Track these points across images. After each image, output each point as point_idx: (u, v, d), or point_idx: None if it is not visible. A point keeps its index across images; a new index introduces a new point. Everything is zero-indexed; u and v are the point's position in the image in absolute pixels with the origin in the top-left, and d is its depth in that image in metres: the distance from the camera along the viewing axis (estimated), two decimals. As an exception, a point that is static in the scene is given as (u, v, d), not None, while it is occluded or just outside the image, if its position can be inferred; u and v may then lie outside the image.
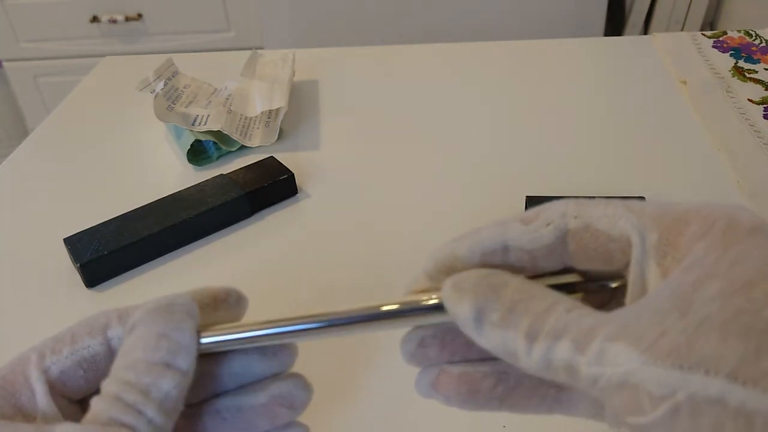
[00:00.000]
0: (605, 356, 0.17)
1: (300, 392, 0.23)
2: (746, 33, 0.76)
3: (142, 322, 0.21)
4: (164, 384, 0.20)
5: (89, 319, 0.23)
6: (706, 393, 0.16)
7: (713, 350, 0.16)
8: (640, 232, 0.20)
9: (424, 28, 1.43)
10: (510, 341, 0.19)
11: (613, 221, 0.20)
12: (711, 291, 0.17)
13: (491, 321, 0.20)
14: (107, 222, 0.49)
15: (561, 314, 0.19)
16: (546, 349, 0.19)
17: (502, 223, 0.22)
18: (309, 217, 0.53)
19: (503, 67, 0.74)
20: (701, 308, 0.17)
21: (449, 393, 0.23)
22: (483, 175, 0.56)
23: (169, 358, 0.20)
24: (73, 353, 0.22)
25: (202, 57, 0.81)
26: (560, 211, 0.21)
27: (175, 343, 0.21)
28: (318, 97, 0.70)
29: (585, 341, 0.18)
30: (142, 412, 0.20)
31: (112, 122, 0.68)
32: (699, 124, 0.60)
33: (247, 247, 0.50)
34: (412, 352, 0.23)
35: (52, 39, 1.61)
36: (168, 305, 0.22)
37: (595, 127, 0.62)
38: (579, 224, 0.21)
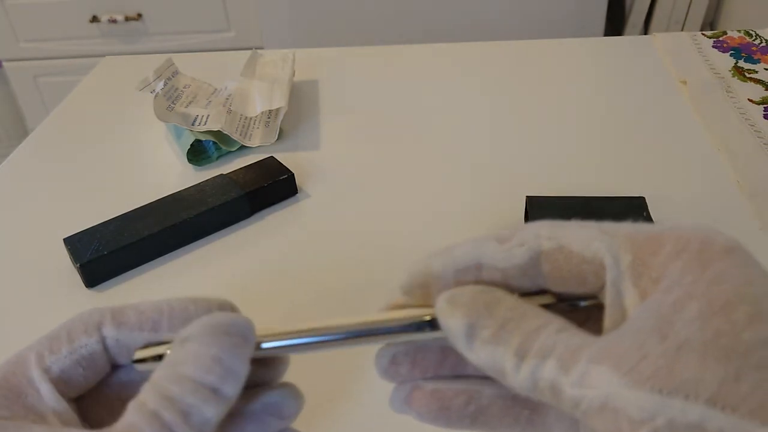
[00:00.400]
0: (588, 378, 0.17)
1: (290, 402, 0.23)
2: (746, 33, 0.76)
3: (198, 339, 0.21)
4: (207, 410, 0.19)
5: (82, 316, 0.23)
6: (685, 419, 0.16)
7: (693, 374, 0.16)
8: (614, 253, 0.19)
9: (424, 28, 1.43)
10: (499, 358, 0.19)
11: (587, 243, 0.20)
12: (690, 312, 0.17)
13: (482, 337, 0.20)
14: (107, 222, 0.49)
15: (551, 334, 0.19)
16: (533, 368, 0.19)
17: (477, 241, 0.22)
18: (309, 217, 0.53)
19: (503, 67, 0.74)
20: (681, 330, 0.17)
21: (421, 409, 0.23)
22: (483, 175, 0.56)
23: (218, 383, 0.20)
24: (72, 352, 0.22)
25: (202, 57, 0.81)
26: (534, 233, 0.21)
27: (228, 369, 0.20)
28: (318, 97, 0.70)
29: (570, 362, 0.18)
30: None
31: (112, 122, 0.68)
32: (699, 124, 0.60)
33: (247, 247, 0.50)
34: (384, 368, 0.23)
35: (52, 39, 1.61)
36: (227, 325, 0.21)
37: (595, 127, 0.62)
38: (552, 245, 0.21)
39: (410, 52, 0.79)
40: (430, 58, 0.77)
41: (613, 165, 0.56)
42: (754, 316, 0.17)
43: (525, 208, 0.49)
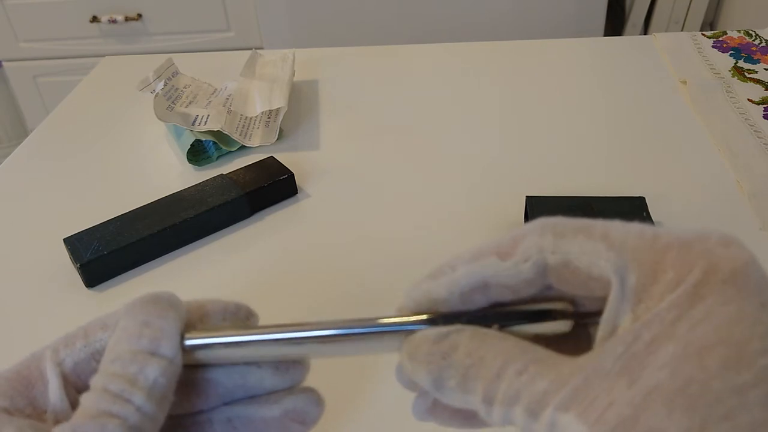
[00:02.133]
0: (556, 427, 0.17)
1: (312, 408, 0.23)
2: (746, 33, 0.76)
3: (125, 315, 0.21)
4: (150, 372, 0.20)
5: (102, 316, 0.23)
6: None
7: (657, 424, 0.16)
8: (621, 274, 0.19)
9: (424, 28, 1.43)
10: (471, 404, 0.20)
11: (593, 260, 0.19)
12: (664, 356, 0.17)
13: (449, 387, 0.20)
14: (107, 222, 0.49)
15: (512, 379, 0.19)
16: (504, 413, 0.19)
17: (478, 259, 0.21)
18: (309, 217, 0.53)
19: (503, 67, 0.74)
20: (651, 375, 0.17)
21: (445, 418, 0.23)
22: (483, 175, 0.56)
23: (153, 346, 0.21)
24: (86, 346, 0.22)
25: (202, 57, 0.81)
26: (538, 246, 0.20)
27: (158, 330, 0.21)
28: (318, 97, 0.70)
29: (537, 409, 0.18)
30: (130, 401, 0.20)
31: (112, 122, 0.68)
32: (699, 124, 0.60)
33: (247, 247, 0.50)
34: (405, 379, 0.23)
35: (52, 39, 1.61)
36: (150, 297, 0.22)
37: (595, 127, 0.62)
38: (558, 260, 0.20)
39: (410, 52, 0.79)
40: (430, 58, 0.77)
41: (613, 165, 0.56)
42: (728, 362, 0.16)
43: (525, 208, 0.49)
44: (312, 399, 0.23)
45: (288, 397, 0.23)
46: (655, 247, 0.19)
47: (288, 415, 0.23)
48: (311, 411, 0.23)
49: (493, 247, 0.21)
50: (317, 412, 0.23)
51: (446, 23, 1.42)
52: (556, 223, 0.21)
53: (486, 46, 0.79)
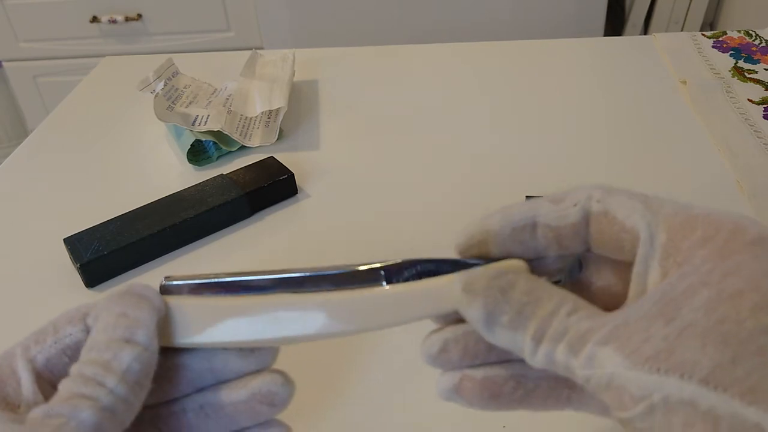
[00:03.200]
0: (595, 360, 0.19)
1: (280, 389, 0.23)
2: (746, 33, 0.76)
3: (103, 308, 0.22)
4: (124, 357, 0.21)
5: (68, 311, 0.24)
6: (679, 395, 0.17)
7: (691, 356, 0.17)
8: (651, 230, 0.21)
9: (424, 28, 1.43)
10: (518, 342, 0.21)
11: (629, 213, 0.21)
12: (699, 299, 0.18)
13: (501, 323, 0.21)
14: (107, 222, 0.49)
15: (563, 318, 0.20)
16: (547, 352, 0.20)
17: (533, 202, 0.23)
18: (309, 217, 0.53)
19: (503, 67, 0.74)
20: (687, 315, 0.18)
21: (472, 398, 0.23)
22: (483, 175, 0.56)
23: (128, 334, 0.21)
24: (56, 341, 0.23)
25: (202, 57, 0.81)
26: (587, 194, 0.22)
27: (133, 319, 0.21)
28: (318, 97, 0.70)
29: (578, 346, 0.19)
30: (103, 383, 0.20)
31: (112, 122, 0.68)
32: (699, 124, 0.60)
33: (247, 247, 0.50)
34: (434, 355, 0.24)
35: (52, 39, 1.61)
36: (125, 289, 0.23)
37: (595, 127, 0.62)
38: (600, 209, 0.22)
39: (410, 52, 0.79)
40: (430, 58, 0.77)
41: (613, 165, 0.56)
42: (759, 306, 0.17)
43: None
44: (279, 380, 0.23)
45: (255, 380, 0.23)
46: (689, 213, 0.21)
47: (255, 397, 0.23)
48: (279, 392, 0.23)
49: (546, 197, 0.23)
50: (286, 393, 0.23)
51: (446, 23, 1.42)
52: (606, 184, 0.23)
53: (486, 46, 0.79)
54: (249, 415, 0.23)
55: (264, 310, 0.23)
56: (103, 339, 0.21)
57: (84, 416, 0.19)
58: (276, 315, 0.22)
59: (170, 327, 0.23)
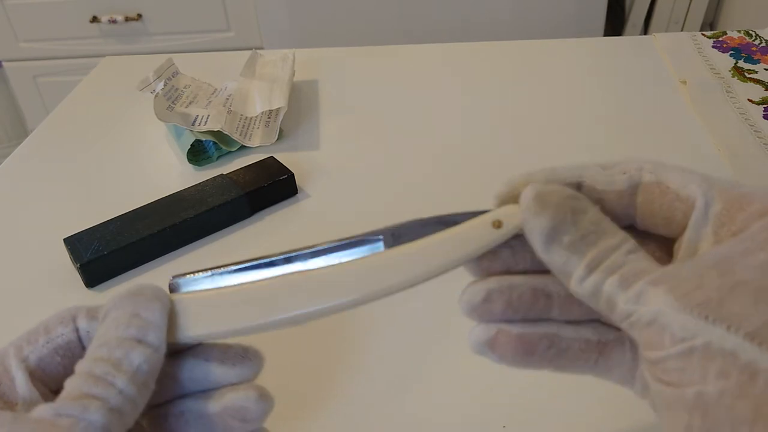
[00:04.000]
0: (644, 296, 0.19)
1: (252, 405, 0.22)
2: (746, 33, 0.76)
3: (114, 307, 0.22)
4: (135, 357, 0.21)
5: (59, 312, 0.24)
6: (721, 344, 0.17)
7: (740, 310, 0.17)
8: (707, 199, 0.21)
9: (424, 28, 1.43)
10: (571, 266, 0.21)
11: (685, 183, 0.22)
12: (756, 261, 0.18)
13: (561, 242, 0.21)
14: (107, 222, 0.49)
15: (622, 254, 0.20)
16: (597, 281, 0.20)
17: (581, 164, 0.23)
18: (309, 217, 0.53)
19: (503, 67, 0.74)
20: (742, 272, 0.18)
21: (506, 353, 0.24)
22: (483, 175, 0.56)
23: (140, 334, 0.21)
24: (48, 341, 0.23)
25: (202, 57, 0.81)
26: (638, 165, 0.22)
27: (145, 320, 0.21)
28: (318, 97, 0.70)
29: (631, 280, 0.20)
30: (113, 384, 0.20)
31: (112, 122, 0.68)
32: (699, 124, 0.60)
33: (247, 247, 0.50)
34: (475, 305, 0.24)
35: (52, 39, 1.61)
36: (137, 289, 0.23)
37: (594, 127, 0.62)
38: (652, 179, 0.22)
39: (410, 52, 0.79)
40: (430, 58, 0.77)
41: (613, 165, 0.56)
42: None
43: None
44: (253, 395, 0.22)
45: (229, 393, 0.23)
46: (743, 189, 0.21)
47: (227, 411, 0.22)
48: (251, 408, 0.22)
49: (597, 162, 0.23)
50: (258, 410, 0.22)
51: (446, 23, 1.42)
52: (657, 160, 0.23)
53: (486, 46, 0.79)
54: (223, 428, 0.23)
55: (266, 292, 0.23)
56: (114, 337, 0.21)
57: (94, 418, 0.19)
58: (278, 294, 0.23)
59: (174, 323, 0.23)
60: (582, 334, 0.24)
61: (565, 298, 0.23)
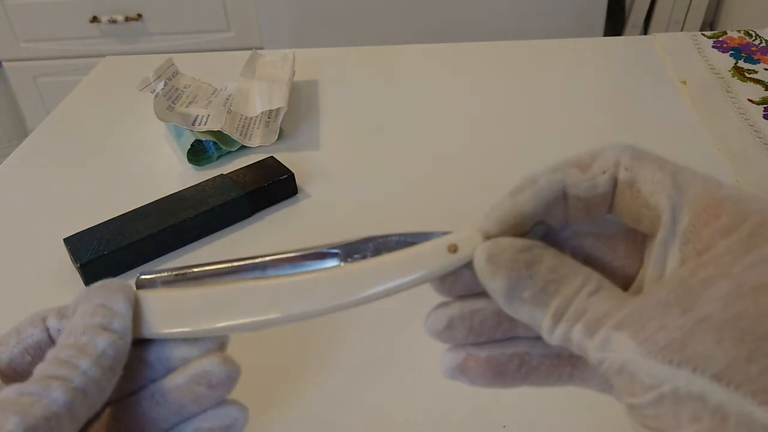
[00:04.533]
0: (609, 344, 0.19)
1: (216, 368, 0.23)
2: (746, 33, 0.76)
3: (81, 301, 0.23)
4: (100, 342, 0.21)
5: (30, 315, 0.25)
6: (688, 389, 0.17)
7: (705, 350, 0.17)
8: (675, 213, 0.20)
9: (424, 29, 1.43)
10: (537, 318, 0.20)
11: (656, 189, 0.20)
12: (719, 291, 0.18)
13: (522, 298, 0.20)
14: (107, 222, 0.49)
15: (584, 298, 0.20)
16: (565, 330, 0.20)
17: (558, 169, 0.22)
18: (309, 217, 0.53)
19: (503, 67, 0.74)
20: (704, 306, 0.17)
21: (477, 376, 0.23)
22: (483, 175, 0.56)
23: (105, 321, 0.22)
24: (19, 342, 0.24)
25: (202, 57, 0.81)
26: (615, 160, 0.21)
27: (110, 309, 0.22)
28: (318, 97, 0.70)
29: (594, 327, 0.19)
30: (77, 365, 0.21)
31: (112, 122, 0.68)
32: (699, 124, 0.60)
33: (247, 247, 0.50)
34: (439, 331, 0.23)
35: (52, 39, 1.61)
36: (103, 283, 0.24)
37: (595, 127, 0.62)
38: (626, 178, 0.21)
39: (410, 52, 0.79)
40: (430, 58, 0.77)
41: (613, 165, 0.56)
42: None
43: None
44: (214, 361, 0.23)
45: (193, 363, 0.23)
46: (715, 195, 0.20)
47: (193, 379, 0.23)
48: (215, 371, 0.23)
49: (573, 161, 0.22)
50: (222, 373, 0.23)
51: (446, 23, 1.42)
52: (635, 147, 0.22)
53: (486, 46, 0.79)
54: (191, 399, 0.23)
55: (225, 297, 0.23)
56: (80, 325, 0.22)
57: (55, 395, 0.20)
58: (237, 300, 0.23)
59: (139, 320, 0.23)
60: (552, 349, 0.23)
61: None
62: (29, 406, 0.19)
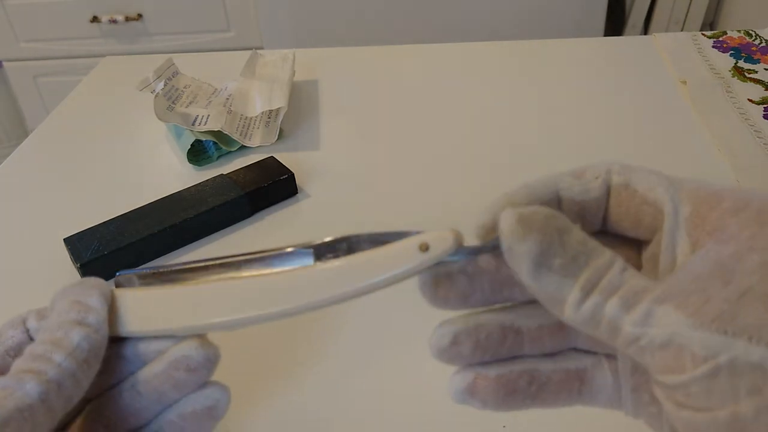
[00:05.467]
0: (652, 317, 0.18)
1: (194, 352, 0.23)
2: (746, 33, 0.76)
3: (57, 299, 0.23)
4: (74, 335, 0.22)
5: (11, 318, 0.25)
6: (747, 358, 0.17)
7: (756, 319, 0.17)
8: (675, 203, 0.20)
9: (424, 28, 1.43)
10: (565, 290, 0.19)
11: (652, 186, 0.21)
12: (751, 263, 0.18)
13: (551, 266, 0.20)
14: (107, 222, 0.49)
15: (617, 273, 0.19)
16: (596, 304, 0.19)
17: (554, 176, 0.22)
18: (309, 217, 0.53)
19: (503, 67, 0.74)
20: (743, 279, 0.18)
21: (487, 397, 0.23)
22: (483, 175, 0.56)
23: (79, 317, 0.22)
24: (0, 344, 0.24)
25: (202, 57, 0.81)
26: (607, 167, 0.22)
27: (85, 305, 0.23)
28: (318, 97, 0.70)
29: (633, 301, 0.19)
30: (50, 359, 0.21)
31: (112, 122, 0.68)
32: (699, 125, 0.60)
33: (247, 247, 0.49)
34: (443, 348, 0.23)
35: (52, 39, 1.61)
36: (79, 281, 0.24)
37: (595, 127, 0.62)
38: (621, 181, 0.22)
39: (410, 52, 0.79)
40: (430, 58, 0.77)
41: (613, 165, 0.56)
42: None
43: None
44: (192, 344, 0.23)
45: (170, 349, 0.23)
46: (711, 189, 0.20)
47: (171, 365, 0.23)
48: (193, 355, 0.23)
49: (566, 171, 0.22)
50: (201, 356, 0.23)
51: (446, 23, 1.42)
52: (623, 160, 0.22)
53: (486, 46, 0.79)
54: (172, 385, 0.23)
55: (199, 296, 0.23)
56: (55, 322, 0.22)
57: (29, 387, 0.20)
58: (211, 298, 0.23)
59: (115, 317, 0.23)
60: (560, 365, 0.23)
61: (535, 331, 0.23)
62: (2, 399, 0.19)
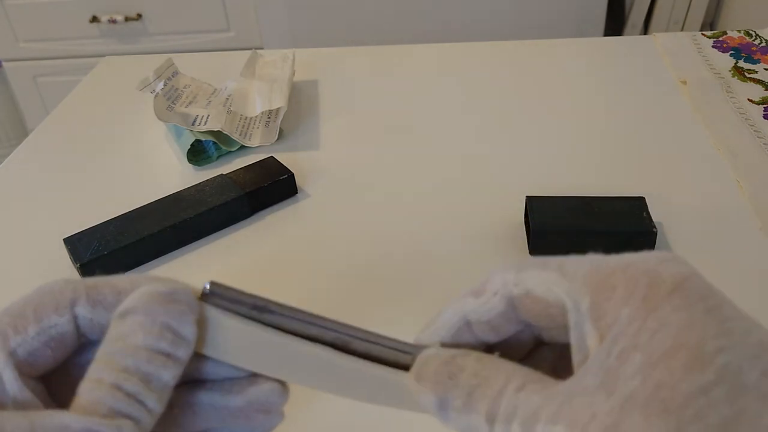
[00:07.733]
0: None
1: (276, 398, 0.23)
2: (746, 33, 0.76)
3: (142, 309, 0.21)
4: (165, 374, 0.20)
5: (52, 289, 0.22)
6: None
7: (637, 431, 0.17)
8: (573, 298, 0.20)
9: (424, 28, 1.43)
10: (474, 424, 0.20)
11: (548, 287, 0.21)
12: (633, 365, 0.18)
13: (455, 407, 0.21)
14: (107, 222, 0.49)
15: (512, 396, 0.20)
16: (503, 431, 0.20)
17: (457, 301, 0.23)
18: (309, 217, 0.53)
19: (503, 67, 0.74)
20: (625, 385, 0.18)
21: None
22: (483, 175, 0.56)
23: (171, 349, 0.20)
24: (40, 333, 0.21)
25: (202, 57, 0.81)
26: (503, 281, 0.22)
27: (178, 335, 0.21)
28: (318, 97, 0.70)
29: (530, 424, 0.19)
30: (143, 403, 0.20)
31: (112, 122, 0.68)
32: (699, 124, 0.60)
33: (247, 247, 0.50)
34: None
35: (52, 39, 1.61)
36: (170, 294, 0.21)
37: (595, 127, 0.62)
38: (521, 291, 0.22)
39: (410, 52, 0.79)
40: (430, 58, 0.77)
41: (613, 165, 0.56)
42: (690, 364, 0.17)
43: (525, 208, 0.49)
44: (276, 389, 0.23)
45: (251, 387, 0.23)
46: (603, 270, 0.20)
47: (252, 405, 0.23)
48: (275, 401, 0.23)
49: (468, 291, 0.23)
50: (281, 402, 0.23)
51: (446, 23, 1.42)
52: (518, 262, 0.22)
53: (486, 46, 0.79)
54: (244, 422, 0.23)
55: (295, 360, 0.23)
56: (143, 348, 0.20)
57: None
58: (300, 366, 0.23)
59: (203, 336, 0.22)
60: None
61: None
62: None
